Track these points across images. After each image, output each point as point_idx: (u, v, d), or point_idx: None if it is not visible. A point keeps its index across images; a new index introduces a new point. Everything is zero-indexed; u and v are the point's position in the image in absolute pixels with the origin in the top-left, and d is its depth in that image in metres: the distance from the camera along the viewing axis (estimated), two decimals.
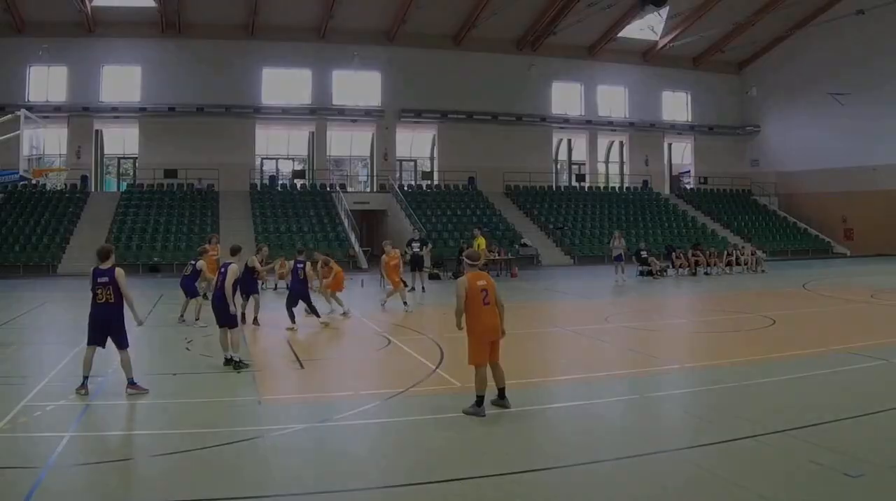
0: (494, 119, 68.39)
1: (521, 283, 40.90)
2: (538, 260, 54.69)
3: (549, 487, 9.54)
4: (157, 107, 61.71)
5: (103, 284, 14.29)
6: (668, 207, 69.42)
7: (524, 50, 69.07)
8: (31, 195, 57.31)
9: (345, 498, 9.25)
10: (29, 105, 49.25)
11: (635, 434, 12.05)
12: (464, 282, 13.09)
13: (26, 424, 12.16)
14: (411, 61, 66.03)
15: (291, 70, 65.72)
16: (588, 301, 33.52)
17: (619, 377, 16.24)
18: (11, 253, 49.54)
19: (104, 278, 14.33)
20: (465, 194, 65.85)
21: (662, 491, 9.41)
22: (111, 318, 14.39)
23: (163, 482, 9.83)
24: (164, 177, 61.28)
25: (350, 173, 72.71)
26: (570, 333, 22.79)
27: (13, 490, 9.23)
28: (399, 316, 26.51)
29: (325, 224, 57.39)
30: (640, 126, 74.03)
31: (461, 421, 12.35)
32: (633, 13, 65.29)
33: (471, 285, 13.05)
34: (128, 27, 60.52)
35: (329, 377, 17.45)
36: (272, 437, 11.62)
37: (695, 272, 45.43)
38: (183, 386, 15.49)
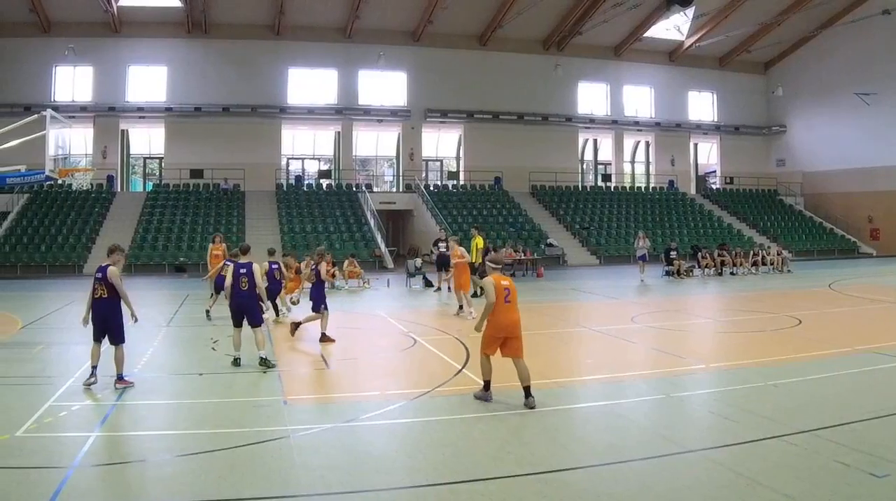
0: (520, 119, 66.93)
1: (547, 283, 40.10)
2: (564, 260, 53.62)
3: (575, 487, 9.41)
4: (183, 107, 60.79)
5: (98, 280, 14.59)
6: (694, 207, 67.78)
7: (550, 50, 67.57)
8: (56, 195, 56.46)
9: (370, 498, 9.07)
10: (55, 105, 48.39)
11: (661, 434, 11.71)
12: (492, 282, 13.66)
13: (52, 424, 12.02)
14: (437, 61, 64.86)
15: (317, 70, 64.54)
16: (614, 301, 32.67)
17: (645, 377, 15.99)
18: (37, 253, 48.66)
19: (99, 274, 14.66)
20: (491, 194, 64.34)
21: (688, 491, 9.22)
22: (107, 313, 14.64)
23: (188, 482, 9.60)
24: (190, 177, 60.44)
25: (376, 173, 71.16)
26: (596, 333, 22.34)
27: (39, 490, 9.12)
28: (426, 316, 26.28)
29: (352, 224, 56.26)
30: (666, 126, 72.52)
31: (487, 422, 12.32)
32: (658, 13, 64.32)
33: (496, 285, 13.59)
34: (154, 27, 59.80)
35: (355, 377, 17.04)
36: (298, 437, 11.41)
37: (721, 272, 44.47)
38: (209, 386, 15.23)
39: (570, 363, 18.36)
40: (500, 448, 10.87)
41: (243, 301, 17.24)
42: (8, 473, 9.71)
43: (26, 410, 12.50)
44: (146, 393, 14.33)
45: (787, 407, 12.98)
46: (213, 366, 16.89)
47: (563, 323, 24.95)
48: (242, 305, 17.24)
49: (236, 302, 17.34)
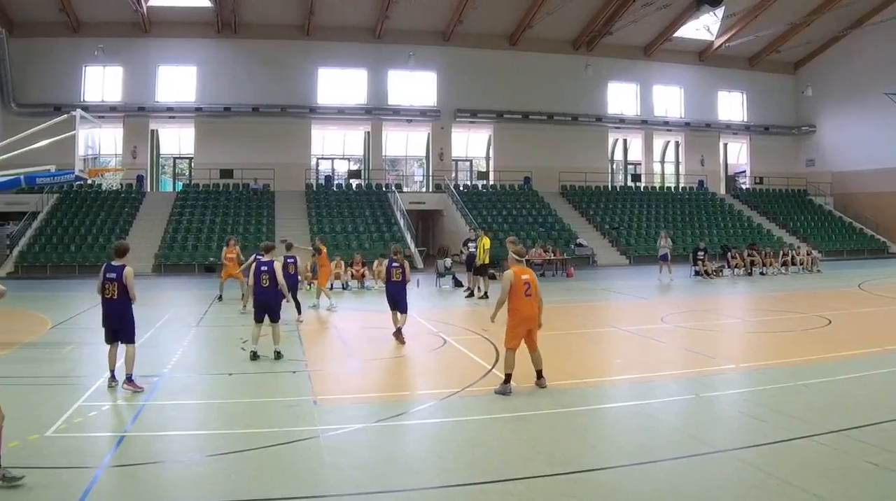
0: (550, 119, 65.11)
1: (577, 283, 39.40)
2: (594, 261, 52.13)
3: (604, 487, 9.34)
4: (212, 107, 59.57)
5: (111, 280, 14.20)
6: (723, 207, 65.78)
7: (580, 50, 65.68)
8: (86, 195, 55.35)
9: (401, 499, 8.93)
10: (84, 105, 49.25)
11: (691, 434, 11.60)
12: (510, 276, 14.04)
13: (82, 424, 11.92)
14: (467, 61, 63.13)
15: (347, 70, 62.94)
16: (644, 301, 31.99)
17: (675, 377, 15.86)
18: (67, 253, 47.43)
19: (112, 274, 14.23)
20: (521, 194, 62.58)
21: (718, 491, 9.07)
22: (122, 313, 14.37)
23: (218, 482, 9.51)
24: (220, 177, 59.21)
25: (406, 173, 69.68)
26: (626, 333, 22.11)
27: (69, 490, 8.99)
28: (455, 316, 26.08)
29: (381, 224, 54.69)
30: (696, 126, 70.42)
31: (517, 422, 12.28)
32: (688, 13, 62.64)
33: (516, 278, 14.01)
34: (183, 27, 58.69)
35: (385, 377, 16.96)
36: (327, 437, 11.32)
37: (750, 272, 43.51)
38: (238, 386, 15.06)
39: (601, 363, 18.21)
40: (531, 448, 10.76)
41: (265, 298, 17.57)
42: (38, 473, 9.43)
43: (56, 410, 12.37)
44: (176, 392, 14.31)
45: (817, 406, 12.89)
46: (243, 366, 16.65)
47: (593, 323, 24.77)
48: (265, 302, 17.56)
49: (259, 299, 17.69)
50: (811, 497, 8.62)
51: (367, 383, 15.92)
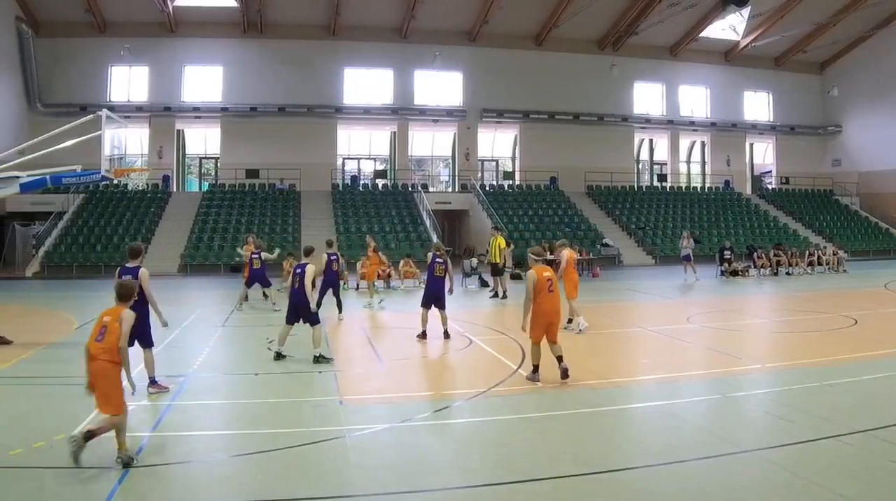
0: (576, 119, 63.77)
1: (604, 283, 38.60)
2: (620, 260, 50.92)
3: (631, 487, 9.18)
4: (238, 107, 58.77)
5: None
6: (749, 207, 64.25)
7: (606, 50, 64.43)
8: (112, 195, 54.59)
9: (426, 499, 8.85)
10: (110, 105, 47.06)
11: (717, 434, 11.38)
12: (533, 276, 14.41)
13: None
14: (493, 61, 61.98)
15: (373, 70, 61.84)
16: (670, 301, 31.47)
17: (701, 377, 15.58)
18: (93, 253, 46.58)
19: (127, 276, 13.57)
20: (547, 194, 61.19)
21: (744, 491, 8.89)
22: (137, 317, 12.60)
23: (243, 482, 9.42)
24: (246, 177, 58.28)
25: (432, 173, 68.17)
26: (652, 333, 21.66)
27: (95, 490, 8.92)
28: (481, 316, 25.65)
29: (407, 224, 53.67)
30: (722, 126, 68.97)
31: (542, 422, 12.15)
32: (714, 13, 61.39)
33: (538, 277, 14.41)
34: (209, 27, 57.93)
35: (410, 377, 16.60)
36: (353, 437, 11.17)
37: (776, 272, 42.80)
38: (264, 386, 14.89)
39: (627, 363, 17.93)
40: (557, 448, 10.62)
41: (297, 300, 17.09)
42: (64, 473, 9.42)
43: (82, 409, 11.85)
44: (202, 392, 14.18)
45: (843, 406, 12.67)
46: (269, 366, 16.46)
47: (619, 323, 24.21)
48: (297, 304, 17.10)
49: (292, 300, 17.25)
50: (837, 498, 8.56)
51: (393, 383, 15.60)
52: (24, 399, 13.53)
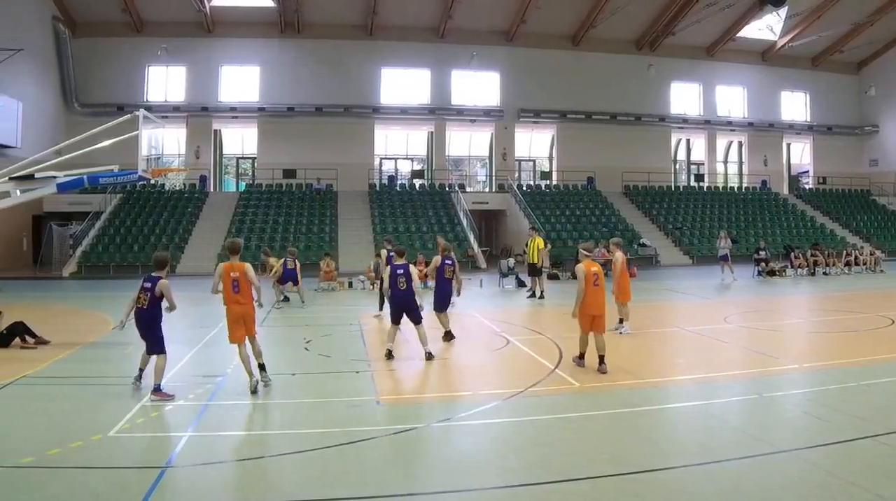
0: (613, 119, 61.95)
1: (641, 283, 36.87)
2: (657, 260, 49.62)
3: (668, 487, 8.92)
4: (275, 107, 57.51)
5: (145, 289, 13.78)
6: (786, 207, 62.20)
7: (643, 50, 62.59)
8: (149, 195, 53.78)
9: (464, 498, 8.66)
10: (148, 105, 47.16)
11: (753, 434, 10.99)
12: (582, 270, 15.13)
13: (145, 424, 11.65)
14: (530, 61, 60.23)
15: (410, 70, 60.36)
16: (707, 301, 30.66)
17: (738, 377, 15.09)
18: (130, 252, 45.67)
19: (148, 284, 13.77)
20: (584, 194, 59.31)
21: (781, 491, 8.62)
22: (149, 322, 13.83)
23: (281, 482, 9.23)
24: (283, 177, 56.97)
25: (469, 173, 66.20)
26: (689, 333, 21.14)
27: (132, 490, 8.75)
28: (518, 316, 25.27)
29: (444, 224, 51.83)
30: (759, 126, 66.86)
31: (580, 422, 11.83)
32: (751, 13, 59.73)
33: (587, 271, 15.08)
34: (247, 27, 56.90)
35: (447, 377, 16.19)
36: (391, 437, 10.91)
37: (813, 272, 41.68)
38: (302, 386, 14.55)
39: (664, 363, 17.39)
40: (594, 448, 10.38)
41: (402, 300, 17.22)
42: (101, 473, 9.31)
43: (119, 410, 12.06)
44: (239, 393, 13.72)
45: (880, 406, 12.32)
46: (306, 366, 16.37)
47: (656, 323, 23.42)
48: (402, 304, 17.26)
49: (398, 301, 17.32)
50: (874, 498, 8.33)
51: (431, 383, 15.58)
52: (61, 399, 13.21)
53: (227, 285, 13.91)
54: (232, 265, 14.05)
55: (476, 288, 34.64)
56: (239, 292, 13.88)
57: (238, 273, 13.92)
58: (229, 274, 13.91)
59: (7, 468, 9.45)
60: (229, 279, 13.88)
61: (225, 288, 13.98)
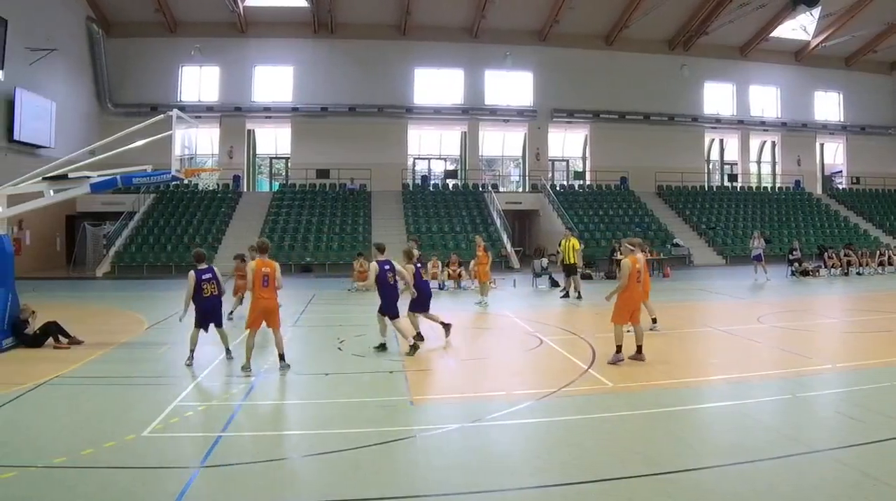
0: (646, 119, 60.16)
1: (674, 283, 36.81)
2: (690, 261, 47.91)
3: (701, 487, 8.65)
4: (309, 107, 56.29)
5: (209, 280, 15.78)
6: (820, 207, 60.27)
7: (676, 50, 60.66)
8: (182, 195, 52.72)
9: (497, 498, 8.38)
10: (181, 105, 46.42)
11: (787, 434, 10.63)
12: (628, 264, 15.20)
13: (178, 424, 11.28)
14: (563, 61, 58.45)
15: (443, 70, 58.70)
16: (740, 301, 29.58)
17: (772, 377, 14.46)
18: (164, 253, 44.71)
19: (208, 275, 15.84)
20: (618, 194, 57.62)
21: (814, 491, 8.40)
22: (217, 306, 16.08)
23: (314, 482, 9.06)
24: (317, 177, 55.74)
25: (502, 173, 64.45)
26: (722, 333, 20.49)
27: (165, 490, 8.51)
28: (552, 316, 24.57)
29: (478, 224, 50.35)
30: (792, 126, 64.79)
31: (613, 422, 11.43)
32: (785, 13, 57.62)
33: (633, 266, 15.19)
34: (280, 27, 55.74)
35: (481, 377, 15.63)
36: (424, 437, 10.59)
37: (847, 272, 40.74)
38: (335, 386, 14.04)
39: (697, 363, 16.88)
40: (627, 448, 10.00)
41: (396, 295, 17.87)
42: (135, 473, 9.12)
43: (152, 410, 11.79)
44: (272, 393, 13.72)
45: None
46: (340, 367, 15.83)
47: (689, 323, 23.09)
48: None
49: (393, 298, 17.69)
50: None
51: (464, 383, 15.03)
52: (94, 399, 12.94)
53: (258, 280, 14.85)
54: (264, 262, 15.02)
55: (510, 288, 34.10)
56: (268, 287, 14.95)
57: (269, 269, 14.98)
58: (261, 270, 14.88)
59: (40, 468, 9.19)
60: (260, 274, 14.85)
61: (255, 282, 14.88)
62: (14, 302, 18.37)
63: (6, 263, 18.59)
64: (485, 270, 28.64)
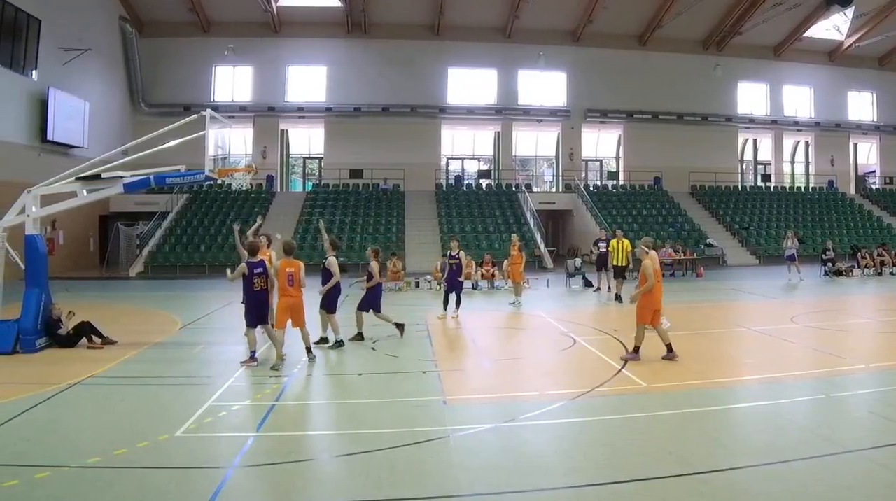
0: (680, 119, 58.07)
1: (707, 283, 36.02)
2: (724, 261, 46.19)
3: (734, 487, 8.48)
4: (342, 107, 54.65)
5: (259, 274, 15.40)
6: (853, 207, 58.02)
7: (709, 50, 58.46)
8: (216, 195, 51.16)
9: (530, 498, 8.21)
10: (214, 105, 45.28)
11: (820, 434, 10.31)
12: (650, 264, 15.03)
13: (212, 424, 11.03)
14: (597, 61, 56.44)
15: (477, 70, 56.71)
16: (773, 301, 28.80)
17: (805, 377, 14.11)
18: (197, 253, 43.50)
19: (259, 269, 15.44)
20: (651, 194, 55.62)
21: (848, 492, 8.18)
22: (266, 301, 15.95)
23: (347, 482, 8.86)
24: (350, 177, 53.99)
25: (535, 173, 62.63)
26: (755, 333, 19.92)
27: (199, 490, 8.41)
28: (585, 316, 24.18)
29: (511, 224, 48.62)
30: (826, 126, 62.43)
31: (647, 422, 11.12)
32: (818, 13, 55.41)
33: (656, 268, 15.03)
34: (313, 27, 54.16)
35: (514, 376, 15.23)
36: (457, 437, 10.31)
37: (880, 272, 39.57)
38: (368, 386, 13.82)
39: (730, 363, 16.28)
40: (661, 448, 9.72)
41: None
42: (168, 472, 8.90)
43: (186, 410, 11.57)
44: (305, 393, 13.65)
45: None
46: (373, 366, 15.47)
47: (722, 323, 22.65)
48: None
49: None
50: None
51: (497, 383, 14.54)
52: (128, 399, 12.67)
53: (283, 279, 15.19)
54: (289, 262, 15.41)
55: (543, 288, 33.31)
56: (293, 286, 15.25)
57: (293, 269, 15.32)
58: (286, 270, 15.22)
59: (74, 468, 8.94)
60: (285, 274, 15.18)
61: (280, 281, 15.25)
62: (47, 303, 17.88)
63: (39, 263, 18.17)
64: (518, 270, 27.85)
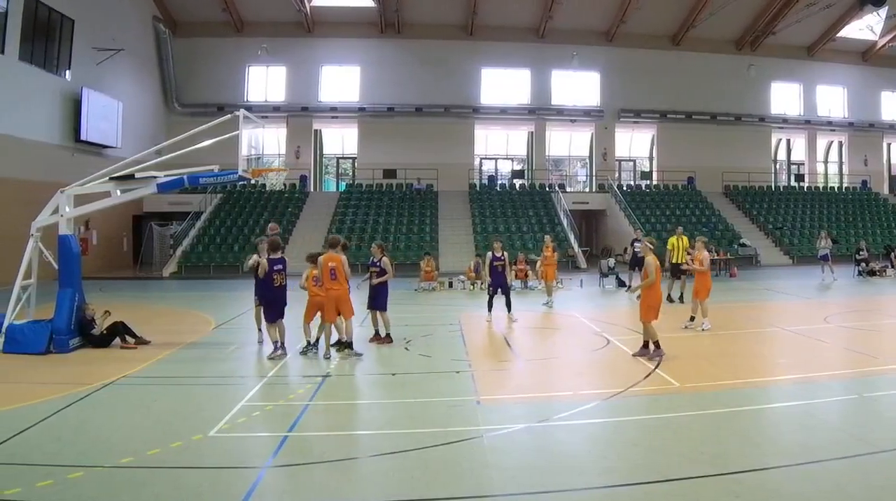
0: (713, 119, 56.09)
1: (741, 283, 34.95)
2: (757, 261, 44.83)
3: (767, 487, 8.18)
4: (375, 107, 53.08)
5: (280, 271, 15.98)
6: (886, 207, 55.86)
7: (743, 50, 56.43)
8: (249, 195, 49.69)
9: (563, 499, 7.95)
10: (248, 105, 44.45)
11: (854, 434, 9.94)
12: (653, 262, 15.17)
13: (245, 424, 10.76)
14: (630, 61, 54.58)
15: (510, 70, 54.96)
16: (807, 301, 28.10)
17: (838, 377, 13.57)
18: (230, 253, 42.19)
19: (280, 266, 16.06)
20: (684, 194, 53.72)
21: (881, 492, 7.91)
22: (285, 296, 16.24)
23: (381, 481, 8.57)
24: (383, 176, 52.36)
25: (569, 173, 60.98)
26: (788, 333, 19.31)
27: (232, 490, 8.23)
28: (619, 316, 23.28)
29: (545, 224, 46.96)
30: (859, 126, 60.23)
31: (680, 421, 10.74)
32: (851, 13, 53.37)
33: (657, 265, 15.15)
34: (347, 27, 52.62)
35: (547, 377, 14.86)
36: (491, 437, 9.98)
37: None
38: (402, 386, 13.29)
39: (763, 363, 15.74)
40: (694, 448, 9.35)
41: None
42: (201, 472, 8.69)
43: (219, 410, 11.24)
44: (339, 393, 13.06)
45: None
46: (407, 366, 15.04)
47: (755, 323, 21.82)
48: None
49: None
50: None
51: (531, 383, 14.12)
52: (161, 399, 12.31)
53: (326, 273, 15.22)
54: (330, 256, 15.40)
55: (576, 288, 32.55)
56: (335, 279, 15.24)
57: (335, 263, 15.25)
58: (327, 264, 15.26)
59: (108, 467, 8.68)
60: (327, 268, 15.23)
61: (324, 276, 15.27)
62: (81, 303, 17.49)
63: (73, 263, 17.78)
64: (552, 271, 27.03)
